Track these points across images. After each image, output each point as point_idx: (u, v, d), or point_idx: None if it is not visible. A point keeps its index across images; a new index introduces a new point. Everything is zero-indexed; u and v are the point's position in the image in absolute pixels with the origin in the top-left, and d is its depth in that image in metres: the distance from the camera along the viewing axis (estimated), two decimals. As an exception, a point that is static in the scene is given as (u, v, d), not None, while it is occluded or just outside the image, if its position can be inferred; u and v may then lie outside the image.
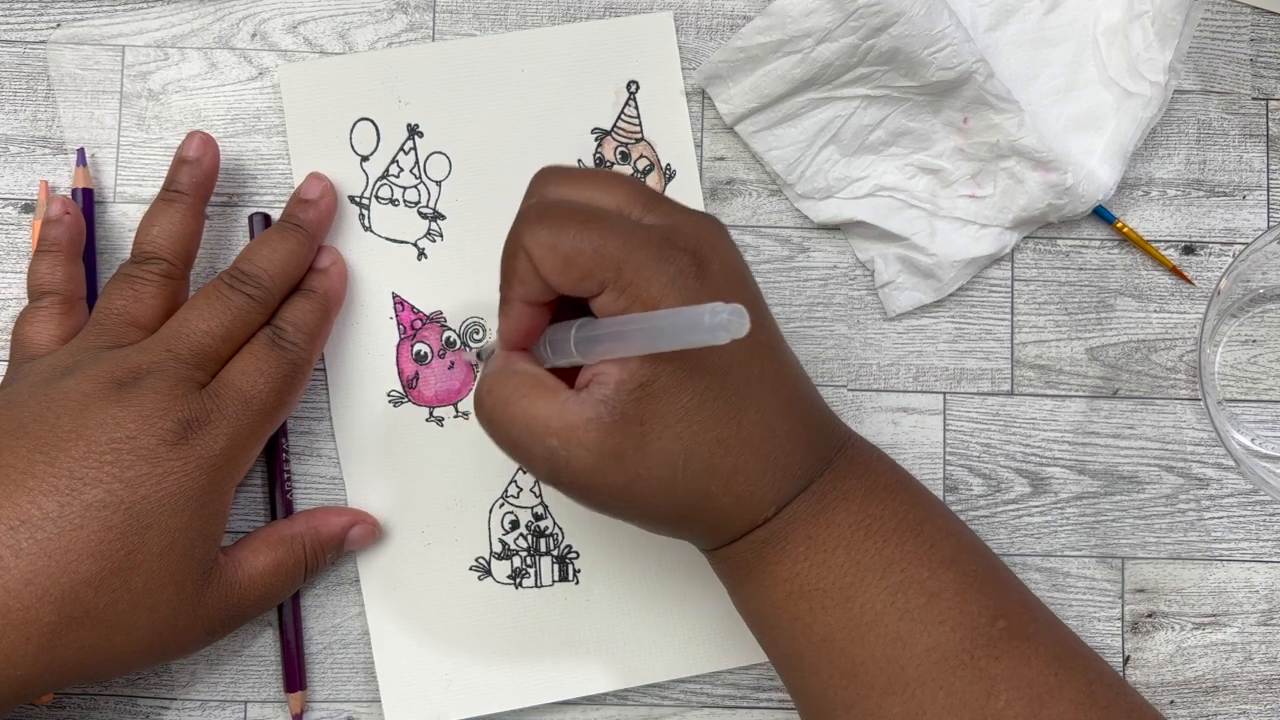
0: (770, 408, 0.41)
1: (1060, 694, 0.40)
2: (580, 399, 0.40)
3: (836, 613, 0.42)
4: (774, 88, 0.52)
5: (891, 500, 0.43)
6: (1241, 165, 0.54)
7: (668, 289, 0.39)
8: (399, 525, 0.52)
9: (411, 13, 0.54)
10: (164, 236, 0.48)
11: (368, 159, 0.53)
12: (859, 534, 0.42)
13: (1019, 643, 0.41)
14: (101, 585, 0.43)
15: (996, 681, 0.40)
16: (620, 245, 0.39)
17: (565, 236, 0.40)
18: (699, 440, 0.40)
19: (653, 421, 0.40)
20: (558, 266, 0.40)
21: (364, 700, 0.52)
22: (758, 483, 0.41)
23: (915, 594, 0.41)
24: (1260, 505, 0.53)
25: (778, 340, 0.43)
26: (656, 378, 0.39)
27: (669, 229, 0.41)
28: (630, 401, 0.39)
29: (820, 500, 0.42)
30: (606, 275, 0.39)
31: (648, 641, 0.52)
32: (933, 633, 0.41)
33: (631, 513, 0.42)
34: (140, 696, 0.51)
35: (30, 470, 0.43)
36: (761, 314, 0.43)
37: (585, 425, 0.40)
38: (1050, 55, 0.54)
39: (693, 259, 0.40)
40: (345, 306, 0.52)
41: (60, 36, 0.53)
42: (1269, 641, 0.53)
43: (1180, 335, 0.54)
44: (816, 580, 0.42)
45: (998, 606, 0.42)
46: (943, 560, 0.42)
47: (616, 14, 0.54)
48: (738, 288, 0.42)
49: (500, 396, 0.42)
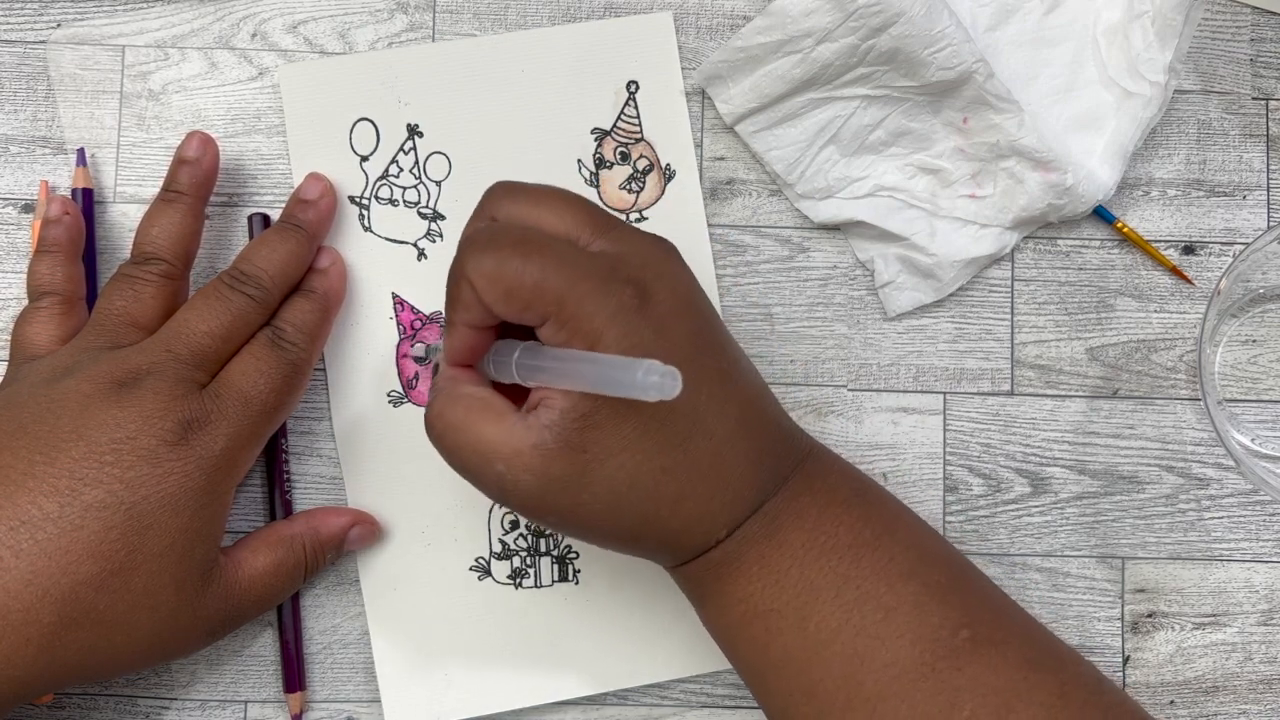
0: (719, 433, 0.41)
1: (1030, 698, 0.40)
2: (527, 424, 0.40)
3: (792, 633, 0.41)
4: (774, 88, 0.52)
5: (848, 516, 0.43)
6: (1241, 165, 0.54)
7: (609, 323, 0.39)
8: (399, 525, 0.52)
9: (411, 13, 0.54)
10: (163, 237, 0.48)
11: (367, 159, 0.53)
12: (812, 553, 0.42)
13: (985, 650, 0.41)
14: (101, 586, 0.43)
15: (960, 691, 0.40)
16: (563, 278, 0.39)
17: (508, 267, 0.40)
18: (643, 468, 0.40)
19: (595, 450, 0.40)
20: (499, 297, 0.40)
21: (364, 700, 0.52)
22: (707, 506, 0.41)
23: (871, 610, 0.41)
24: (1260, 505, 0.53)
25: (729, 361, 0.43)
26: (599, 409, 0.40)
27: (615, 259, 0.41)
28: (574, 430, 0.40)
29: (773, 520, 0.42)
30: (548, 309, 0.40)
31: (648, 641, 0.52)
32: (890, 648, 0.41)
33: (580, 534, 0.43)
34: (140, 696, 0.51)
35: (30, 471, 0.43)
36: (708, 338, 0.43)
37: (530, 451, 0.40)
38: (1050, 55, 0.54)
39: (636, 290, 0.40)
40: (345, 307, 0.52)
41: (60, 36, 0.53)
42: (1269, 641, 0.53)
43: (1180, 335, 0.54)
44: (770, 601, 0.42)
45: (961, 616, 0.41)
46: (901, 574, 0.42)
47: (616, 14, 0.54)
48: (683, 317, 0.42)
49: (449, 422, 0.42)
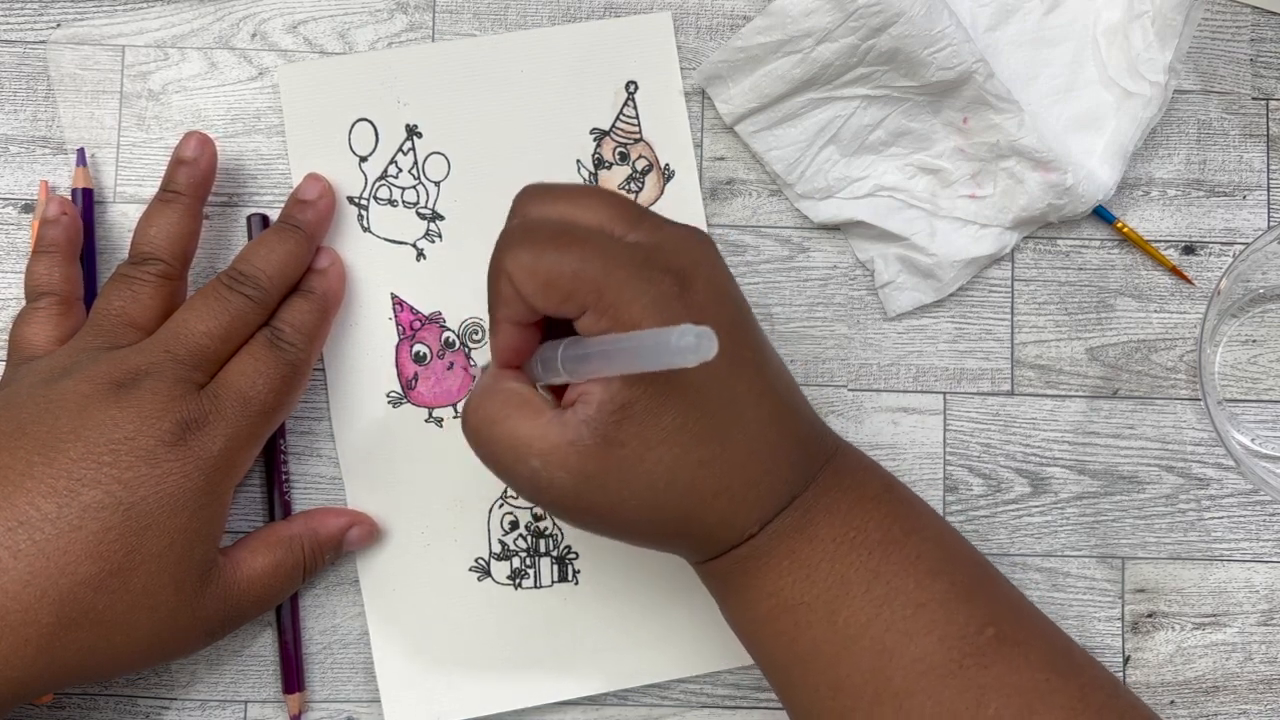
0: (754, 426, 0.41)
1: (1052, 699, 0.40)
2: (563, 420, 0.40)
3: (821, 627, 0.41)
4: (774, 88, 0.52)
5: (877, 511, 0.43)
6: (1241, 165, 0.54)
7: (649, 310, 0.39)
8: (398, 526, 0.52)
9: (411, 13, 0.54)
10: (161, 237, 0.48)
11: (366, 159, 0.53)
12: (843, 548, 0.42)
13: (1009, 649, 0.41)
14: (100, 586, 0.43)
15: (985, 689, 0.40)
16: (600, 267, 0.39)
17: (545, 260, 0.40)
18: (681, 462, 0.40)
19: (634, 444, 0.40)
20: (538, 290, 0.40)
21: (364, 700, 0.52)
22: (742, 501, 0.41)
23: (901, 606, 0.41)
24: (1260, 505, 0.53)
25: (763, 355, 0.43)
26: (637, 400, 0.39)
27: (651, 248, 0.41)
28: (612, 424, 0.39)
29: (805, 515, 0.42)
30: (587, 298, 0.39)
31: (648, 641, 0.52)
32: (919, 644, 0.41)
33: (614, 532, 0.43)
34: (140, 696, 0.51)
35: (28, 471, 0.43)
36: (745, 330, 0.42)
37: (567, 448, 0.40)
38: (1050, 55, 0.53)
39: (675, 279, 0.40)
40: (344, 307, 0.52)
41: (60, 36, 0.53)
42: (1269, 641, 0.53)
43: (1180, 335, 0.54)
44: (801, 595, 0.42)
45: (987, 614, 0.42)
46: (929, 570, 0.42)
47: (616, 14, 0.54)
48: (721, 305, 0.41)
49: (485, 415, 0.42)
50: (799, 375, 0.53)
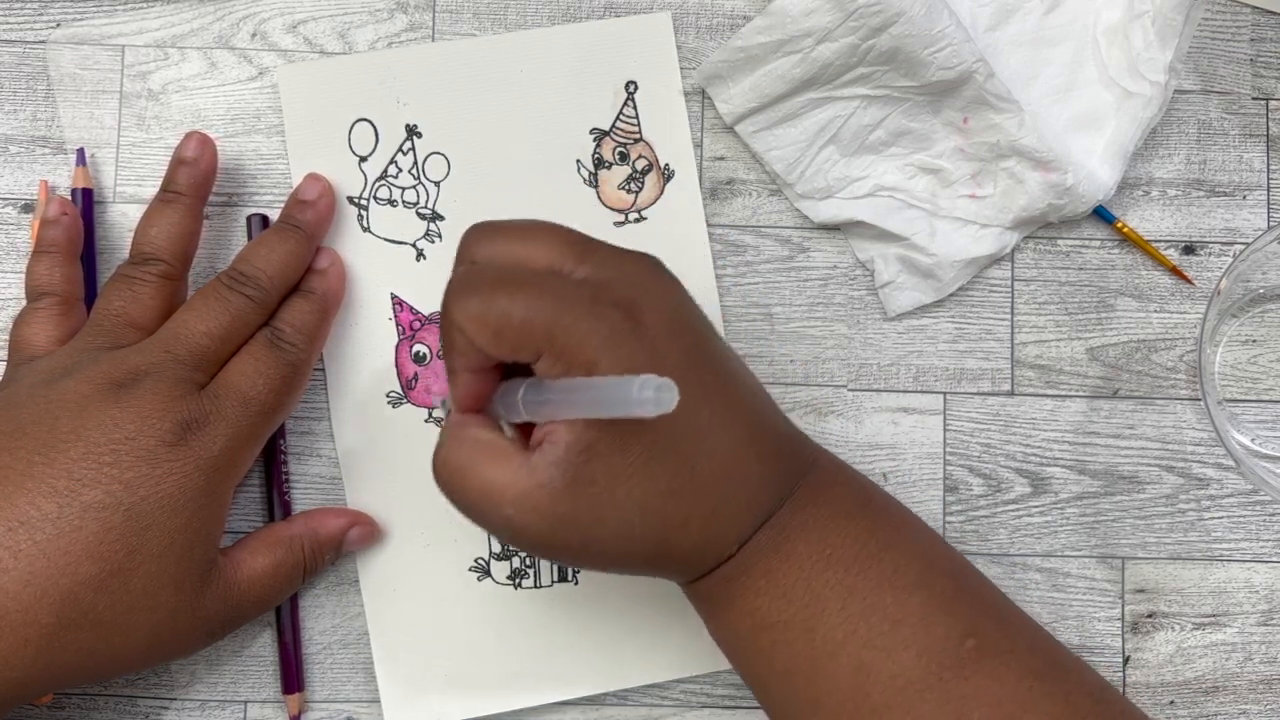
0: (724, 450, 0.41)
1: (1036, 707, 0.40)
2: (532, 464, 0.40)
3: (799, 645, 0.41)
4: (774, 88, 0.52)
5: (853, 527, 0.42)
6: (1241, 165, 0.54)
7: (602, 350, 0.39)
8: (398, 526, 0.52)
9: (411, 13, 0.54)
10: (162, 237, 0.48)
11: (366, 159, 0.53)
12: (818, 565, 0.42)
13: (990, 660, 0.41)
14: (100, 587, 0.43)
15: (966, 701, 0.40)
16: (550, 310, 0.39)
17: (494, 308, 0.39)
18: (650, 493, 0.40)
19: (604, 480, 0.39)
20: (490, 339, 0.40)
21: (364, 700, 0.52)
22: (716, 525, 0.41)
23: (878, 622, 0.41)
24: (1260, 505, 0.53)
25: (728, 375, 0.43)
26: (602, 438, 0.39)
27: (599, 284, 0.40)
28: (580, 463, 0.39)
29: (780, 533, 0.42)
30: (540, 344, 0.39)
31: (648, 641, 0.52)
32: (896, 659, 0.40)
33: (594, 565, 0.43)
34: (140, 696, 0.51)
35: (29, 471, 0.43)
36: (706, 354, 0.42)
37: (538, 491, 0.40)
38: (1050, 55, 0.53)
39: (625, 313, 0.40)
40: (344, 307, 0.52)
41: (60, 36, 0.53)
42: (1269, 641, 0.53)
43: (1180, 335, 0.54)
44: (777, 613, 0.42)
45: (967, 626, 0.41)
46: (907, 585, 0.42)
47: (616, 14, 0.54)
48: (676, 336, 0.41)
49: (455, 466, 0.42)
50: (799, 375, 0.53)
